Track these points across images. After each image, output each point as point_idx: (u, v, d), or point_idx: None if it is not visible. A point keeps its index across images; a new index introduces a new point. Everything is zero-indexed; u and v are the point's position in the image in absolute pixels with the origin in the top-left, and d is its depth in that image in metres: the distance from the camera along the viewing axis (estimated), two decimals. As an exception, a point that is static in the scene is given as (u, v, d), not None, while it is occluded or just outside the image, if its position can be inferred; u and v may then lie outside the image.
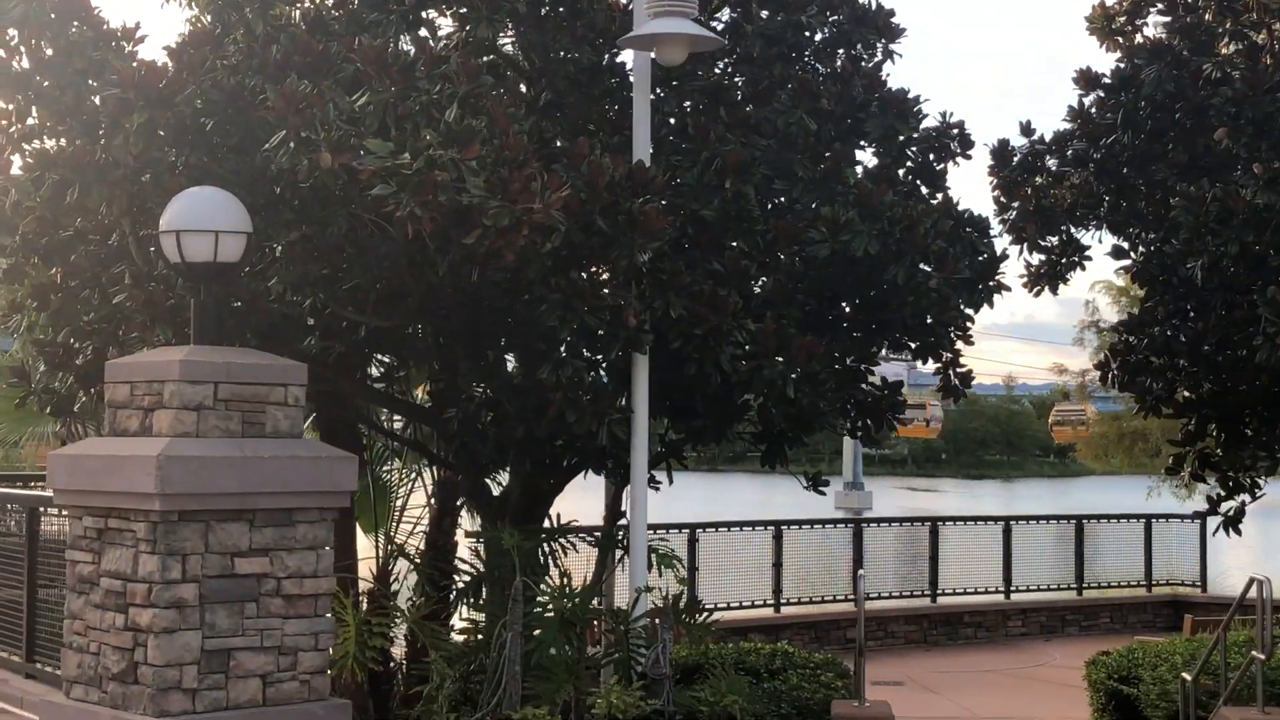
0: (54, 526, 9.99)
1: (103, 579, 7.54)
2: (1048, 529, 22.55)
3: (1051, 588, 20.82)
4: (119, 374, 7.76)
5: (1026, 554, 20.81)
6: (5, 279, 10.18)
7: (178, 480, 7.18)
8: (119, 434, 7.71)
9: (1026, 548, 20.87)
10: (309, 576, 7.72)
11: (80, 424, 13.34)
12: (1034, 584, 20.60)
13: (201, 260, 7.72)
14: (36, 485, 16.34)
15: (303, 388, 7.86)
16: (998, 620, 19.79)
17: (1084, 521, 21.75)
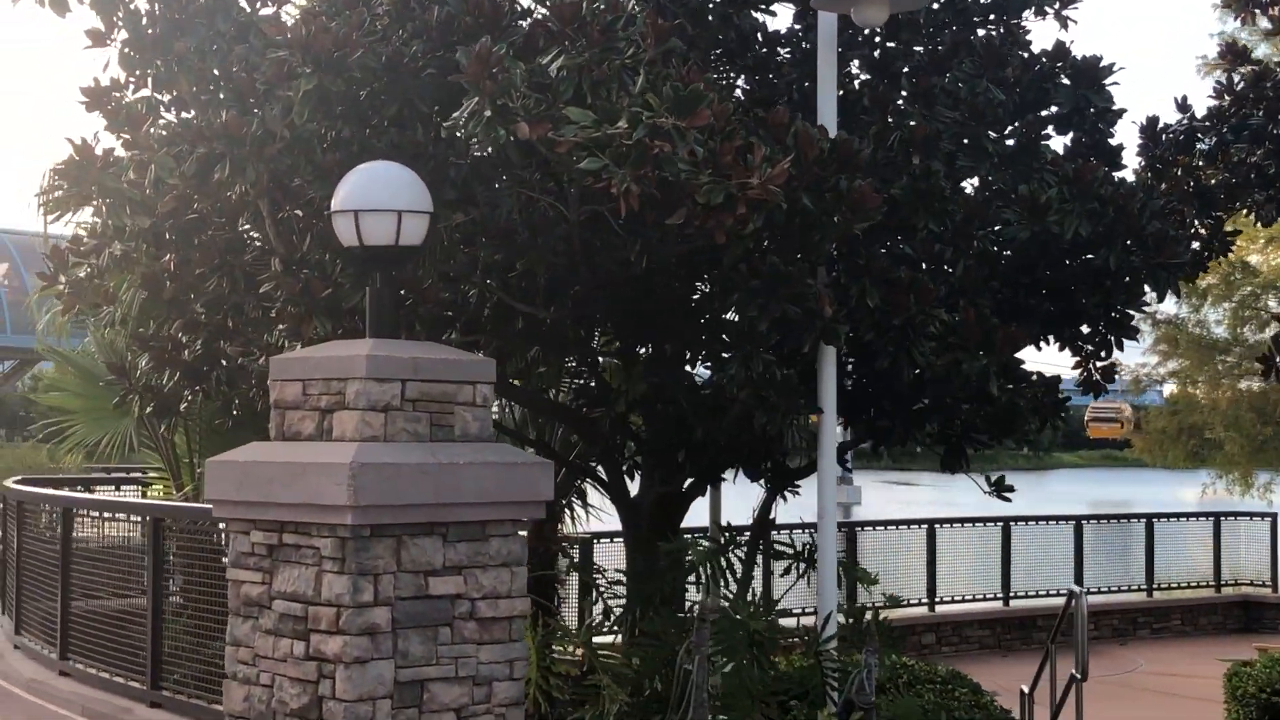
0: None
1: (276, 602, 6.89)
2: (1113, 528, 22.12)
3: (1121, 589, 20.38)
4: (289, 371, 7.10)
5: (1094, 554, 20.38)
6: (114, 266, 9.51)
7: (371, 490, 6.54)
8: (289, 438, 7.06)
9: (1092, 548, 20.43)
10: (503, 597, 7.07)
11: (166, 426, 12.68)
12: (1104, 585, 20.12)
13: (382, 244, 7.07)
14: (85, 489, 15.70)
15: (491, 386, 7.22)
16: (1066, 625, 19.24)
17: (1154, 520, 21.29)
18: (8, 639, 12.11)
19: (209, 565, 9.99)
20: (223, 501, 7.14)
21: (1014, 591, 19.05)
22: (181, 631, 9.90)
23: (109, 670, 9.69)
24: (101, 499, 11.47)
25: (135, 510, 9.83)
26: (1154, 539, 20.74)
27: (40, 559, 11.23)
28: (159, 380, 10.27)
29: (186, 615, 9.74)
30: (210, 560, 10.02)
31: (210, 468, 7.18)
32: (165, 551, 9.13)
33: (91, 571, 10.66)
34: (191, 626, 9.56)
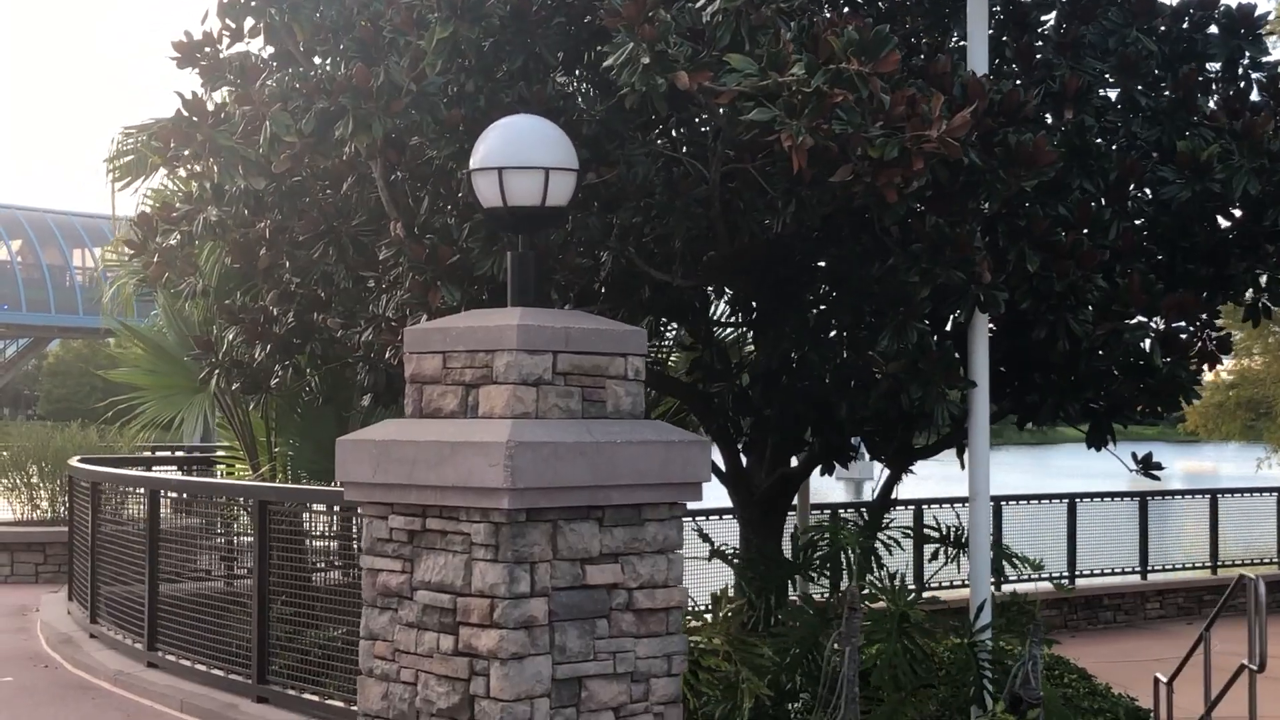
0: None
1: (419, 592, 6.45)
2: (1177, 504, 21.66)
3: (1186, 567, 19.82)
4: (428, 343, 6.65)
5: (1157, 531, 19.93)
6: (208, 233, 9.07)
7: (528, 472, 6.09)
8: (429, 415, 6.62)
9: (1156, 525, 19.98)
10: (660, 586, 6.63)
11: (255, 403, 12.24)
12: (1168, 563, 19.63)
13: (528, 204, 6.61)
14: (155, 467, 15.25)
15: (643, 358, 6.76)
16: (1136, 603, 18.74)
17: (1218, 496, 20.77)
18: (81, 628, 11.71)
19: (304, 550, 9.60)
20: (357, 484, 6.70)
21: (1079, 570, 18.69)
22: (275, 619, 9.49)
23: (205, 662, 9.26)
24: (201, 481, 11.05)
25: (239, 493, 9.37)
26: (1219, 515, 20.19)
27: (120, 543, 10.82)
28: (248, 355, 9.87)
29: (280, 602, 9.32)
30: (302, 545, 9.62)
31: (342, 447, 6.73)
32: (270, 536, 8.67)
33: (178, 556, 10.26)
34: (286, 614, 9.14)
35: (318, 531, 10.17)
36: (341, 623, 9.26)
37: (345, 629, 9.41)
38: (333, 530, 9.53)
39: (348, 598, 9.03)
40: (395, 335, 7.90)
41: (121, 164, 12.50)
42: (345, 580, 9.66)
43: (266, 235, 9.12)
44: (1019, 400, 8.91)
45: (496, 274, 7.54)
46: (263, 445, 12.37)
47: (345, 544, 9.91)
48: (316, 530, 10.11)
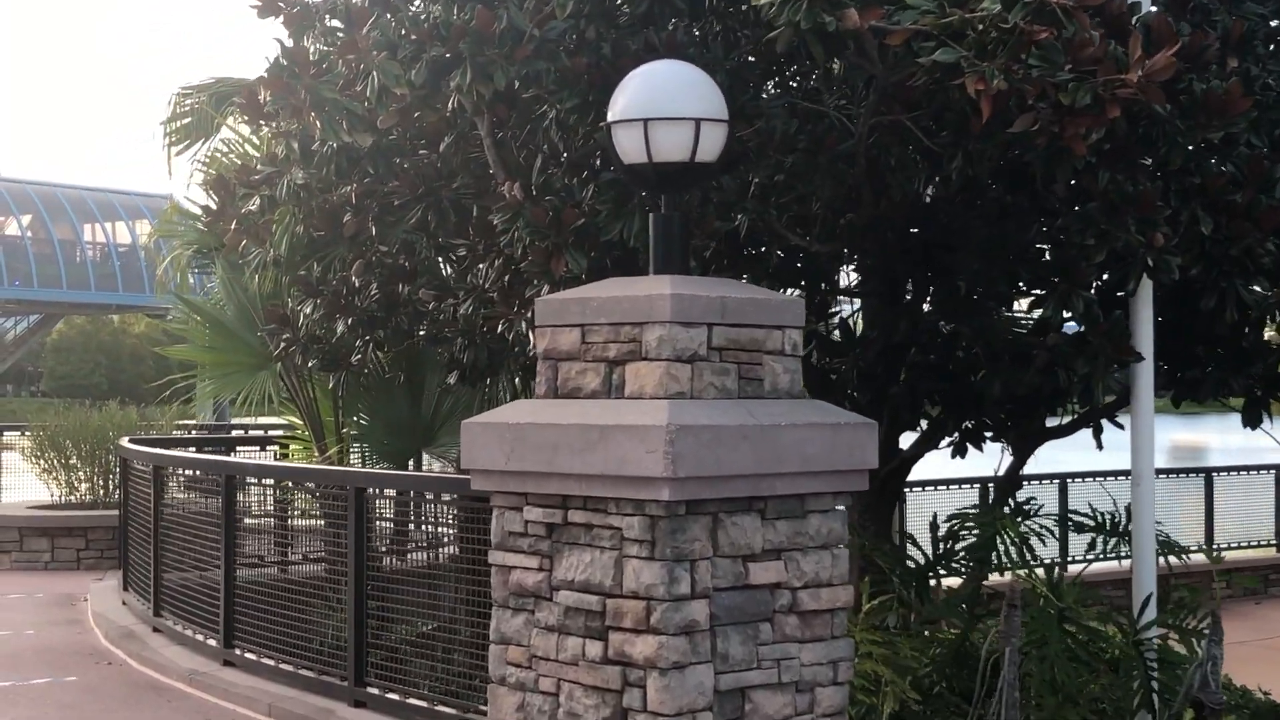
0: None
1: (560, 593, 5.90)
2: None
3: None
4: (564, 315, 6.08)
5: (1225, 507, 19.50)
6: (291, 198, 8.51)
7: (690, 459, 5.53)
8: (565, 395, 6.06)
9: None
10: (824, 585, 6.07)
11: (302, 379, 11.72)
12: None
13: (675, 159, 6.03)
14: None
15: (801, 331, 6.19)
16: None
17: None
18: (142, 620, 11.19)
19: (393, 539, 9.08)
20: (486, 471, 6.14)
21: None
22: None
23: (291, 661, 8.71)
24: (288, 466, 10.51)
25: (334, 479, 8.81)
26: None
27: (187, 531, 10.29)
28: (328, 329, 9.34)
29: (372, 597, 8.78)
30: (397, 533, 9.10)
31: (470, 431, 6.18)
32: (370, 525, 8.12)
33: (255, 546, 9.73)
34: (373, 610, 8.60)
35: (390, 516, 9.65)
36: (431, 617, 8.77)
37: (435, 624, 8.92)
38: (433, 517, 8.98)
39: (432, 588, 8.54)
40: (510, 307, 7.34)
41: (178, 126, 11.94)
42: (431, 569, 9.17)
43: (353, 200, 8.56)
44: (1175, 375, 8.33)
45: (626, 239, 6.97)
46: (328, 425, 11.83)
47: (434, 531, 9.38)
48: (392, 516, 9.58)
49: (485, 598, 7.30)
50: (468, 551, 7.75)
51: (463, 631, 8.15)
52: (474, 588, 7.96)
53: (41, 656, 10.46)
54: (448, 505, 8.10)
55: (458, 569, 8.23)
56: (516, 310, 7.26)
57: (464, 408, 11.38)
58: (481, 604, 8.27)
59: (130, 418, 18.12)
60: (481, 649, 7.76)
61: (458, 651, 8.08)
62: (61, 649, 10.80)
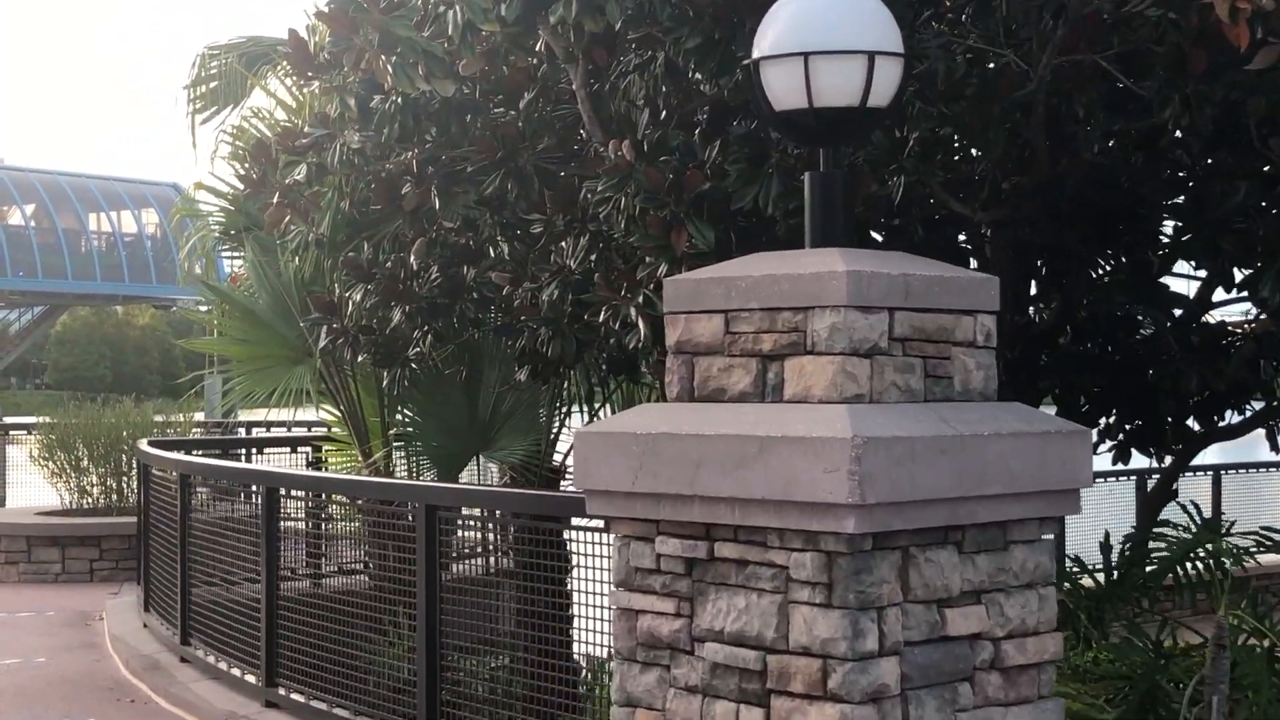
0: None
1: (706, 645, 4.82)
2: None
3: None
4: (700, 298, 5.00)
5: None
6: (345, 165, 7.44)
7: (881, 480, 4.45)
8: (705, 397, 4.99)
9: None
10: (1031, 634, 4.99)
11: (344, 375, 10.66)
12: None
13: (842, 103, 4.95)
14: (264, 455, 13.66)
15: (994, 317, 5.11)
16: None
17: None
18: (167, 648, 10.14)
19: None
20: (606, 492, 5.07)
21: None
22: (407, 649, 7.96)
23: (345, 705, 7.64)
24: (340, 479, 9.44)
25: (398, 494, 7.72)
26: None
27: (219, 549, 9.23)
28: (383, 318, 8.28)
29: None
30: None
31: (585, 443, 5.10)
32: (443, 548, 7.03)
33: (298, 569, 8.68)
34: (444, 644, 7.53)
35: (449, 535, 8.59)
36: (509, 647, 7.77)
37: (511, 659, 7.90)
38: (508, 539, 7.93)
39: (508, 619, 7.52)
40: (614, 290, 6.24)
41: (204, 91, 10.88)
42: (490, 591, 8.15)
43: (414, 168, 7.48)
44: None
45: (763, 206, 5.88)
46: (372, 426, 10.77)
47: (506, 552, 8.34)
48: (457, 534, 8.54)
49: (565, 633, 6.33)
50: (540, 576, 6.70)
51: (543, 669, 7.09)
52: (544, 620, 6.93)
53: (56, 691, 9.42)
54: (512, 522, 7.01)
55: (530, 594, 7.18)
56: (624, 294, 6.17)
57: (526, 406, 10.32)
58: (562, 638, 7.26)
59: (146, 416, 17.06)
60: (562, 693, 6.74)
61: (543, 695, 7.02)
62: (78, 681, 9.76)
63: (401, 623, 7.97)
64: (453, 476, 10.52)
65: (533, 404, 10.27)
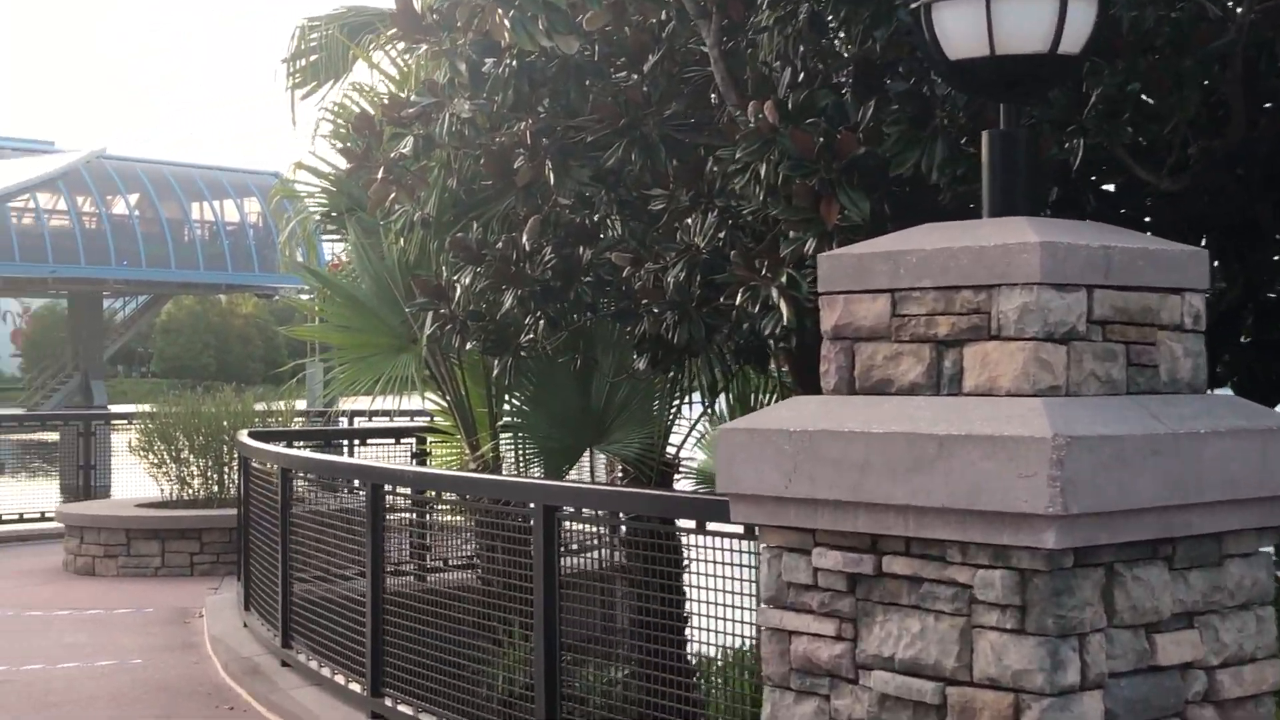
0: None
1: (874, 673, 4.22)
2: None
3: None
4: (862, 275, 4.39)
5: None
6: (453, 137, 6.89)
7: (1086, 487, 3.81)
8: (870, 389, 4.38)
9: None
10: (1247, 661, 4.34)
11: (451, 364, 10.15)
12: None
13: (1028, 50, 4.32)
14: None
15: (1204, 296, 4.45)
16: None
17: None
18: (267, 650, 9.69)
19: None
20: (754, 497, 4.47)
21: None
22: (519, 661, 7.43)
23: (462, 717, 7.10)
24: (453, 475, 8.84)
25: (520, 493, 7.11)
26: None
27: (324, 548, 8.75)
28: (493, 302, 7.74)
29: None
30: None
31: (730, 441, 4.51)
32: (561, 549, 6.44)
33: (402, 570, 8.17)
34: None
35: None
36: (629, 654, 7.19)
37: (631, 667, 7.32)
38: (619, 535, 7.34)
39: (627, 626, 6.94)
40: (753, 269, 5.63)
41: (303, 65, 10.40)
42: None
43: (528, 139, 6.92)
44: None
45: (926, 172, 5.24)
46: (480, 417, 10.25)
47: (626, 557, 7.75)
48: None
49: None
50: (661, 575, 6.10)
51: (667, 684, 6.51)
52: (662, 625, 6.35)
53: (151, 697, 8.99)
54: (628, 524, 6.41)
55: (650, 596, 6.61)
56: (764, 274, 5.56)
57: (642, 396, 9.74)
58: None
59: (247, 405, 16.68)
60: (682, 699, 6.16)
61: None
62: (175, 686, 9.32)
63: (514, 629, 7.45)
64: (563, 470, 10.00)
65: (648, 394, 9.69)
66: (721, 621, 5.80)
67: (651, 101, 6.35)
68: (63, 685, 9.31)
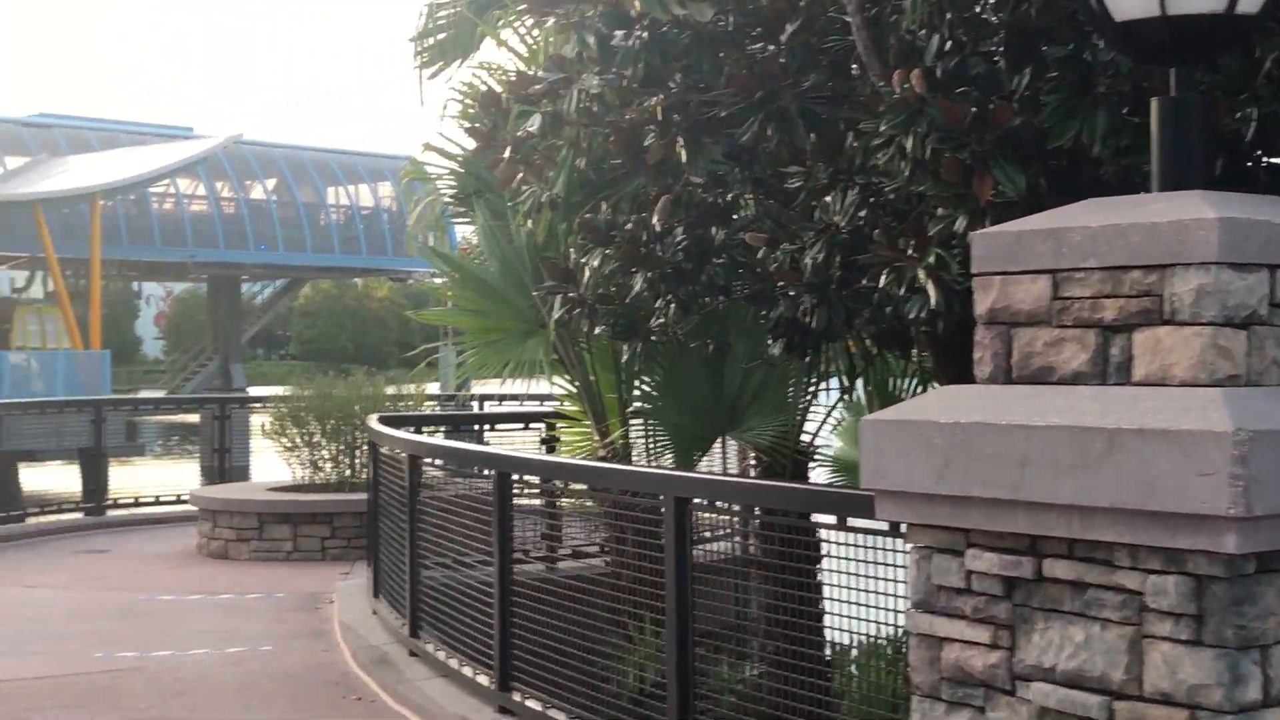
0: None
1: (1033, 685, 3.92)
2: None
3: None
4: (1019, 255, 4.08)
5: None
6: (580, 115, 6.67)
7: (1271, 486, 3.48)
8: (1029, 377, 4.08)
9: None
10: None
11: (579, 349, 9.94)
12: None
13: (1204, 9, 3.98)
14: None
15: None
16: None
17: None
18: (395, 639, 9.58)
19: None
20: (902, 494, 4.19)
21: None
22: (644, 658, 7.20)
23: (585, 718, 6.89)
24: (581, 465, 8.61)
25: (651, 485, 6.88)
26: None
27: (450, 536, 8.60)
28: (621, 286, 7.51)
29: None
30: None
31: (875, 433, 4.22)
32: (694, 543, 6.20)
33: (530, 560, 7.98)
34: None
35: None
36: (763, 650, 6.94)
37: (761, 668, 7.07)
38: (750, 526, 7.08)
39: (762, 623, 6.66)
40: (897, 249, 5.33)
41: (432, 44, 10.24)
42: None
43: (659, 115, 6.67)
44: None
45: (1087, 143, 4.91)
46: (609, 404, 10.03)
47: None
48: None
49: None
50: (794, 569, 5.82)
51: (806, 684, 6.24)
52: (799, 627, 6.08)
53: (280, 687, 8.90)
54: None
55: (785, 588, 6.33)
56: (910, 253, 5.26)
57: (776, 382, 9.44)
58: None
59: (378, 389, 16.68)
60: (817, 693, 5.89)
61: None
62: (303, 676, 9.24)
63: (644, 622, 7.23)
64: (694, 458, 9.75)
65: (783, 380, 9.39)
66: (857, 611, 5.57)
67: (789, 73, 6.06)
68: (192, 674, 9.28)
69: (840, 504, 5.28)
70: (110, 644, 10.29)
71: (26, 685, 8.97)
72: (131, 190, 49.31)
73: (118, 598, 12.42)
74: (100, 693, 8.74)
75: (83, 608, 11.89)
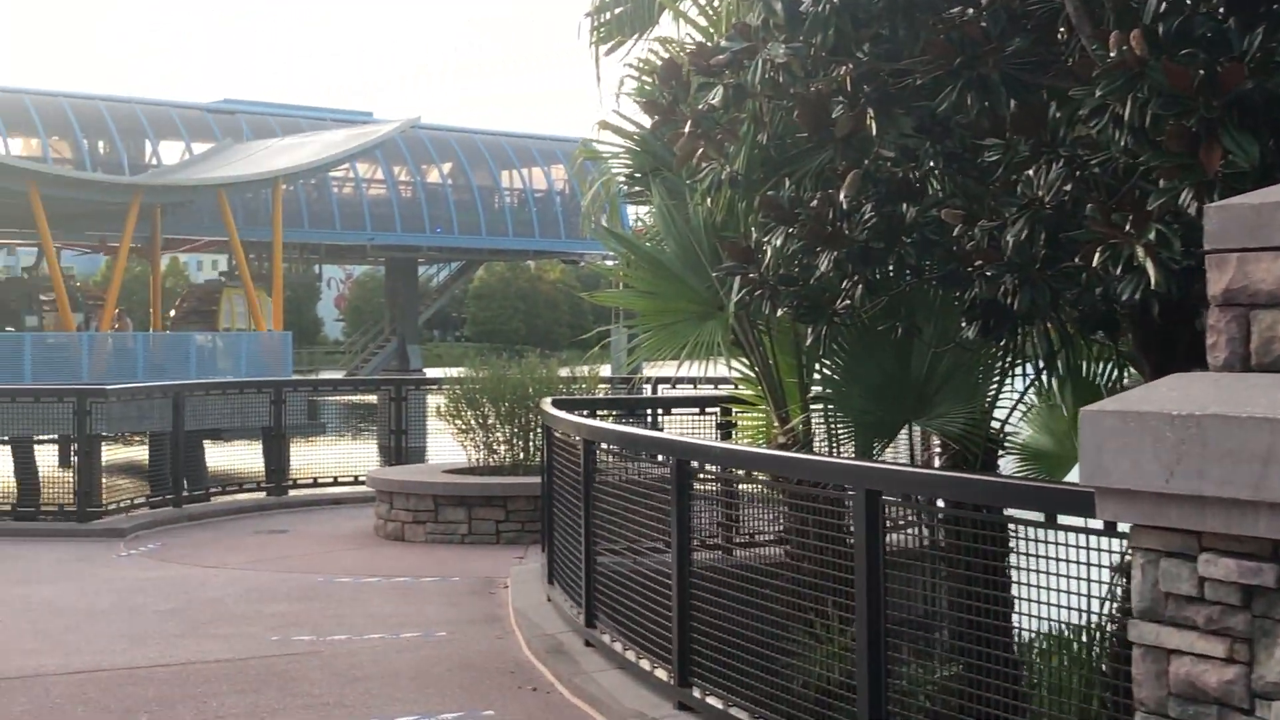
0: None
1: (1275, 705, 3.53)
2: None
3: None
4: (1260, 229, 3.69)
5: None
6: (765, 86, 6.36)
7: None
8: (1269, 365, 3.68)
9: None
10: None
11: (759, 332, 9.64)
12: None
13: None
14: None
15: None
16: None
17: None
18: (570, 627, 9.40)
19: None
20: (1126, 492, 3.82)
21: None
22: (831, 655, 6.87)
23: (768, 717, 6.61)
24: (762, 454, 8.33)
25: (839, 476, 6.58)
26: None
27: (626, 524, 8.38)
28: (805, 265, 7.18)
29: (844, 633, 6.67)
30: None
31: (1094, 424, 3.86)
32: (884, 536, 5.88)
33: (709, 550, 7.71)
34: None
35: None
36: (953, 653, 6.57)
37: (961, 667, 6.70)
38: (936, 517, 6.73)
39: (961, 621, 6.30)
40: (1112, 225, 4.94)
41: (608, 19, 10.02)
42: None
43: (848, 85, 6.33)
44: None
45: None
46: (789, 389, 9.72)
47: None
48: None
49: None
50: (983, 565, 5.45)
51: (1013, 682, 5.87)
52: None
53: (453, 676, 8.76)
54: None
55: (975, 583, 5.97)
56: (1127, 229, 4.87)
57: (966, 366, 9.04)
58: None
59: (552, 372, 16.55)
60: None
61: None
62: (477, 663, 9.09)
63: (830, 617, 6.91)
64: (877, 446, 9.39)
65: (973, 365, 8.98)
66: (1047, 611, 5.25)
67: (991, 38, 5.69)
68: (368, 659, 9.20)
69: (1050, 500, 4.90)
70: (287, 627, 10.29)
71: (204, 669, 8.97)
72: (312, 175, 50.14)
73: (295, 579, 12.47)
74: (274, 678, 8.70)
75: (261, 589, 11.94)
